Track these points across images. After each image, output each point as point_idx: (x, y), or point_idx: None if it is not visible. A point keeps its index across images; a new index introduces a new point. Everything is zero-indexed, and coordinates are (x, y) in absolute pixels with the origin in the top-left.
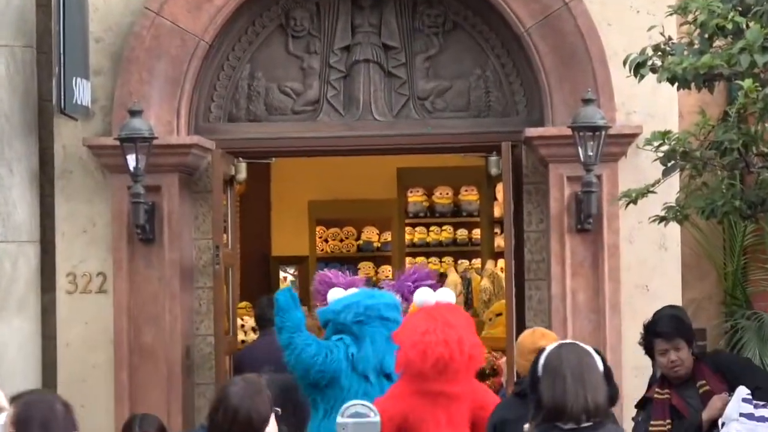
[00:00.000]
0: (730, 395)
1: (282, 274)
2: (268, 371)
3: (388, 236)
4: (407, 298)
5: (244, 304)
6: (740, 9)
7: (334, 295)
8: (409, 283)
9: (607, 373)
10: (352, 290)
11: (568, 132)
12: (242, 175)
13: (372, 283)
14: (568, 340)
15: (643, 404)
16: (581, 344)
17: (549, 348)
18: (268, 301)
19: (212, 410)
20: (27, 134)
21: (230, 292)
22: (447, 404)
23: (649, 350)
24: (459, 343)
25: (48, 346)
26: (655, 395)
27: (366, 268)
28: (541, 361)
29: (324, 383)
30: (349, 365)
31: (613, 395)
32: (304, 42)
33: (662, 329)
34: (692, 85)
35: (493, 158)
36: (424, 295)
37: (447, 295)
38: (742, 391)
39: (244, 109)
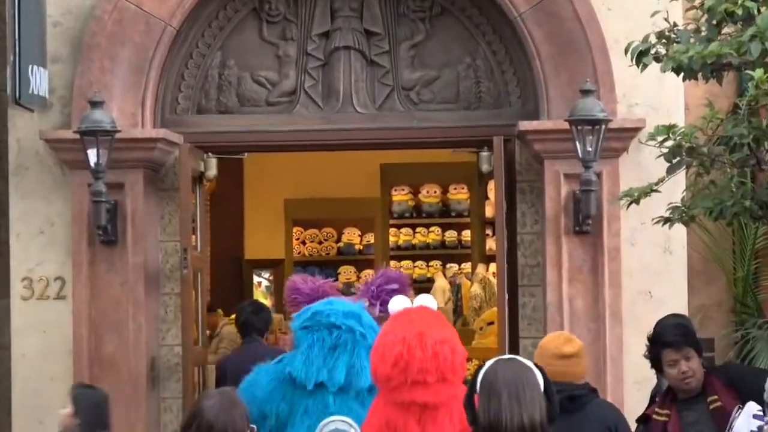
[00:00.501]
0: (740, 410)
1: (256, 279)
2: None
3: (370, 238)
4: (372, 303)
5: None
6: None
7: (395, 306)
8: (374, 288)
9: (548, 390)
10: (419, 302)
11: (565, 126)
12: (212, 171)
13: (345, 289)
14: (507, 356)
15: (644, 420)
16: (521, 360)
17: (487, 363)
18: (252, 308)
19: (185, 425)
20: None
21: (199, 299)
22: (422, 416)
23: (656, 362)
24: (419, 338)
25: (2, 356)
26: (654, 415)
27: (347, 272)
28: (479, 377)
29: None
30: (284, 392)
31: (553, 413)
32: (280, 28)
33: (670, 338)
34: (699, 75)
35: (484, 154)
36: (397, 303)
37: (426, 301)
38: (753, 407)
39: (214, 100)
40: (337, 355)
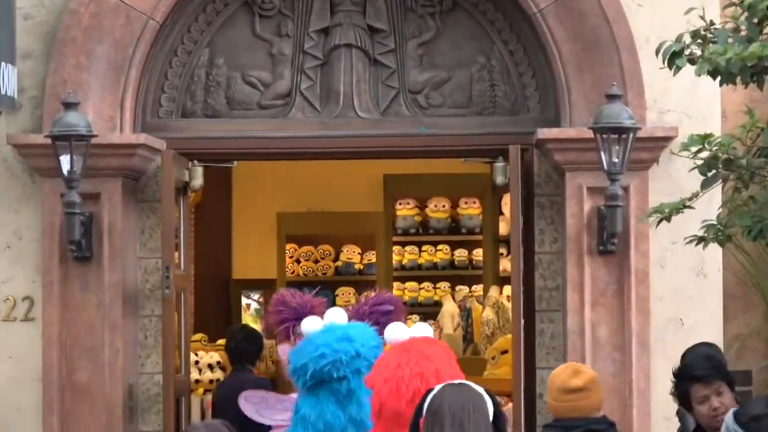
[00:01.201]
0: None
1: (244, 301)
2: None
3: (372, 257)
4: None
5: (198, 336)
6: None
7: (308, 326)
8: (366, 308)
9: (497, 420)
10: (329, 319)
11: (589, 134)
12: (198, 181)
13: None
14: (457, 381)
15: None
16: (472, 386)
17: (436, 388)
18: (244, 335)
19: None
20: None
21: (182, 322)
22: None
23: (684, 399)
24: (437, 376)
25: None
26: None
27: (345, 294)
28: (426, 402)
29: None
30: None
31: None
32: (274, 23)
33: (699, 372)
34: (738, 79)
35: (498, 164)
36: (396, 331)
37: (423, 330)
38: None
39: (201, 102)
40: (356, 401)
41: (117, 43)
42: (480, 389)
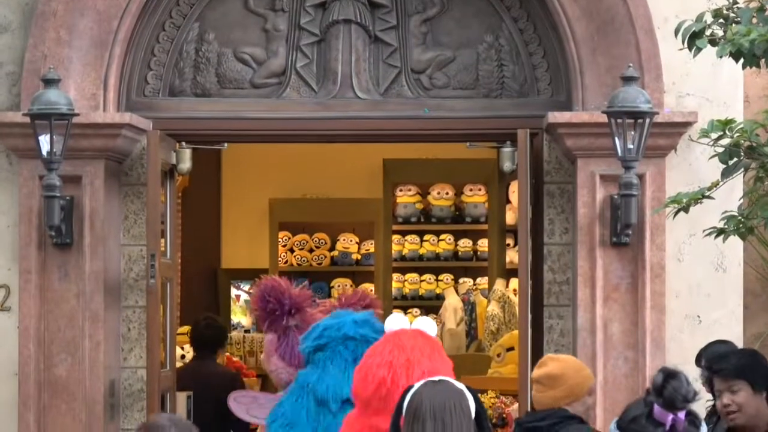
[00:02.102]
0: None
1: (234, 292)
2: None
3: (370, 246)
4: None
5: (185, 329)
6: None
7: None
8: (358, 308)
9: (479, 417)
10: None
11: (603, 119)
12: (186, 164)
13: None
14: (437, 377)
15: None
16: (452, 382)
17: (415, 385)
18: (206, 325)
19: None
20: None
21: (168, 314)
22: None
23: (711, 389)
24: (407, 367)
25: None
26: None
27: (342, 286)
28: (405, 400)
29: None
30: (306, 405)
31: None
32: None
33: (716, 365)
34: (762, 62)
35: (506, 150)
36: (395, 322)
37: (425, 324)
38: None
39: (189, 80)
40: (350, 367)
41: (100, 17)
42: (461, 385)
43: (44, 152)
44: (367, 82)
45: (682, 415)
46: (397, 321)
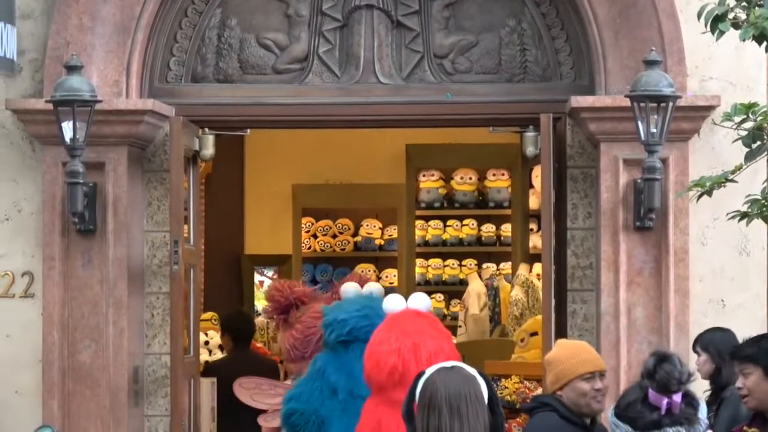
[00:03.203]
0: None
1: (257, 279)
2: None
3: (393, 232)
4: None
5: (208, 315)
6: None
7: (347, 290)
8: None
9: (492, 402)
10: (368, 287)
11: (626, 102)
12: (209, 150)
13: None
14: (449, 364)
15: None
16: (465, 368)
17: (427, 372)
18: (244, 319)
19: None
20: None
21: (191, 300)
22: None
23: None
24: (414, 351)
25: None
26: None
27: (365, 272)
28: (418, 387)
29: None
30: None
31: (497, 426)
32: None
33: (733, 348)
34: None
35: (529, 134)
36: (393, 302)
37: (419, 300)
38: None
39: (212, 66)
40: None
41: (123, 3)
42: (473, 371)
43: (67, 139)
44: (389, 67)
45: (677, 397)
46: (395, 302)
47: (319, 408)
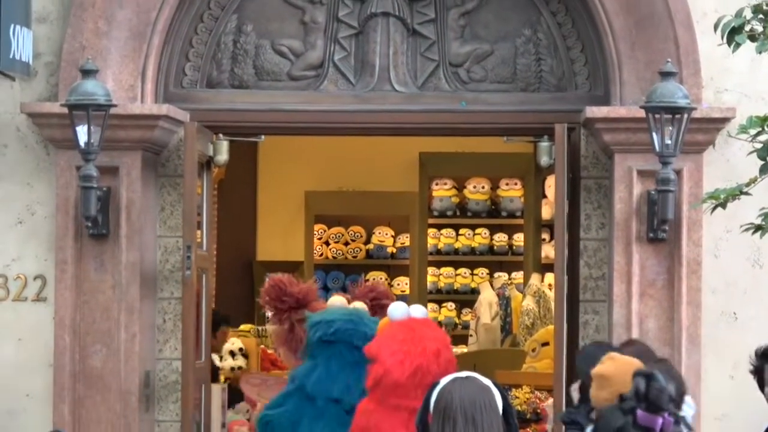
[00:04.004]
0: None
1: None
2: None
3: (406, 240)
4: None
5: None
6: None
7: (333, 303)
8: (367, 301)
9: (507, 412)
10: (356, 304)
11: (641, 113)
12: (223, 156)
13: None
14: (464, 374)
15: None
16: (479, 378)
17: (442, 382)
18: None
19: None
20: None
21: (203, 306)
22: (409, 421)
23: (759, 379)
24: (436, 355)
25: None
26: None
27: (376, 279)
28: (433, 396)
29: None
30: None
31: None
32: None
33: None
34: None
35: (543, 144)
36: (399, 309)
37: (420, 311)
38: None
39: (227, 72)
40: (357, 374)
41: (139, 7)
42: (488, 381)
43: (81, 143)
44: (404, 75)
45: (668, 415)
46: (400, 310)
47: (293, 412)
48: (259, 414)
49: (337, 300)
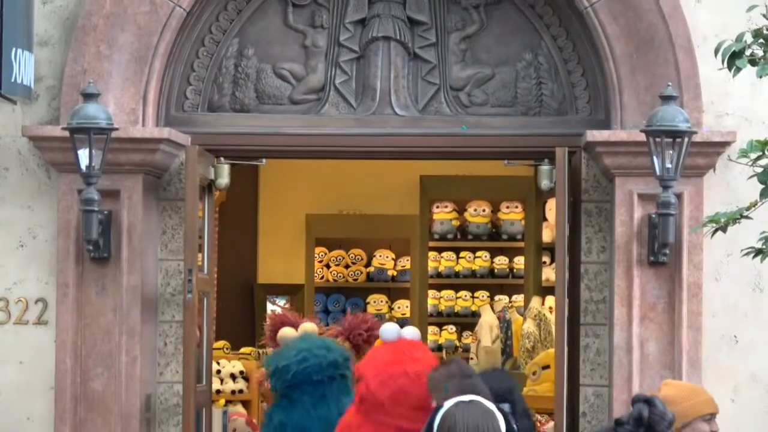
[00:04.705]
0: None
1: (270, 308)
2: None
3: (406, 263)
4: (358, 348)
5: (220, 344)
6: None
7: (284, 335)
8: (362, 332)
9: None
10: (302, 329)
11: (642, 137)
12: (224, 180)
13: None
14: (467, 398)
15: None
16: (483, 402)
17: (446, 405)
18: None
19: None
20: None
21: (204, 329)
22: None
23: None
24: (419, 377)
25: None
26: None
27: (377, 302)
28: (436, 421)
29: None
30: None
31: None
32: (308, 12)
33: None
34: None
35: (544, 168)
36: (390, 331)
37: (411, 333)
38: None
39: (228, 95)
40: (326, 403)
41: (141, 31)
42: (491, 405)
43: (83, 166)
44: (405, 99)
45: None
46: (391, 331)
47: None
48: None
49: (286, 332)
